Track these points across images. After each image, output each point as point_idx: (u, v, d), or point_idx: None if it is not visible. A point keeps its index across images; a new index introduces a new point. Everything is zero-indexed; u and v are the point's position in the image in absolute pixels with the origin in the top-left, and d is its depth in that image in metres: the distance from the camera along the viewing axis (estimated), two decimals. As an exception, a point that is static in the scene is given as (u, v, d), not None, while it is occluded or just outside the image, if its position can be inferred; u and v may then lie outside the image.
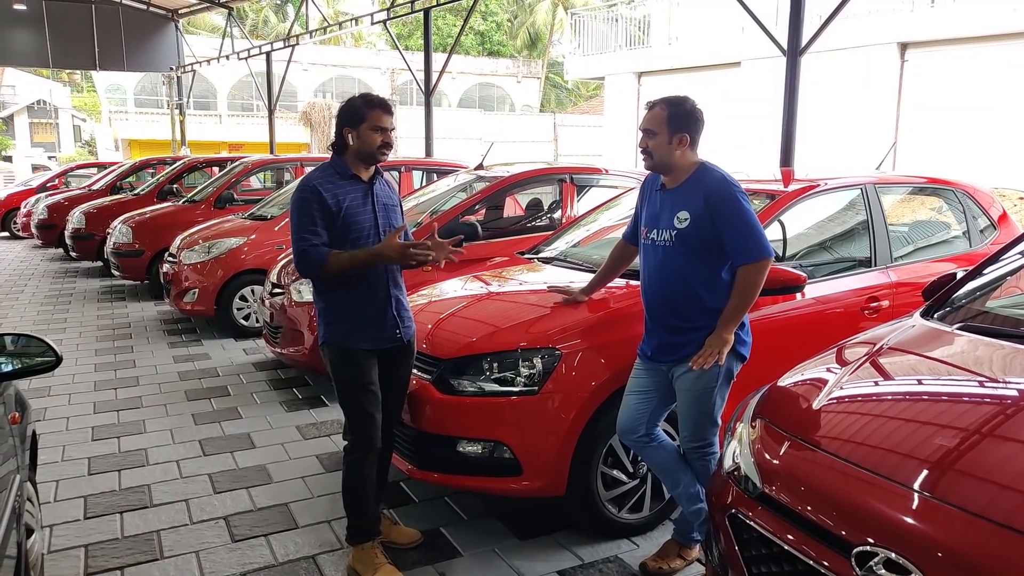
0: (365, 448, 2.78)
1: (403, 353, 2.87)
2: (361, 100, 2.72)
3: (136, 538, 3.11)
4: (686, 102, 2.59)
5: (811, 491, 1.72)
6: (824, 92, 11.78)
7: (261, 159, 9.69)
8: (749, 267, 2.52)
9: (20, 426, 2.50)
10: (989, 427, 1.73)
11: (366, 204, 2.74)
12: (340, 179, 2.72)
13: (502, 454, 2.88)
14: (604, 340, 2.95)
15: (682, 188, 2.62)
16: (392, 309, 2.79)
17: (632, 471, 3.00)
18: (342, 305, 2.73)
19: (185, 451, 4.04)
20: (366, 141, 2.68)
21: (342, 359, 2.75)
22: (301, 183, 2.72)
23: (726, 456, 2.17)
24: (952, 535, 1.49)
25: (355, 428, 2.79)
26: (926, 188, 4.34)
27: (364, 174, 2.77)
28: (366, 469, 2.79)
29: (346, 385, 2.77)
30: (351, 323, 2.73)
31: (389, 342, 2.79)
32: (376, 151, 2.71)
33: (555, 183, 5.57)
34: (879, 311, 3.49)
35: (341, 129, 2.72)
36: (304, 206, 2.65)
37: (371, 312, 2.75)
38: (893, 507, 1.58)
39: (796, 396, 2.11)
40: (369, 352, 2.76)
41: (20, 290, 9.14)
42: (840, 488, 1.68)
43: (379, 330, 2.77)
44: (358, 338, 2.74)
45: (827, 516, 1.65)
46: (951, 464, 1.63)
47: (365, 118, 2.67)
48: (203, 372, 5.55)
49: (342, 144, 2.73)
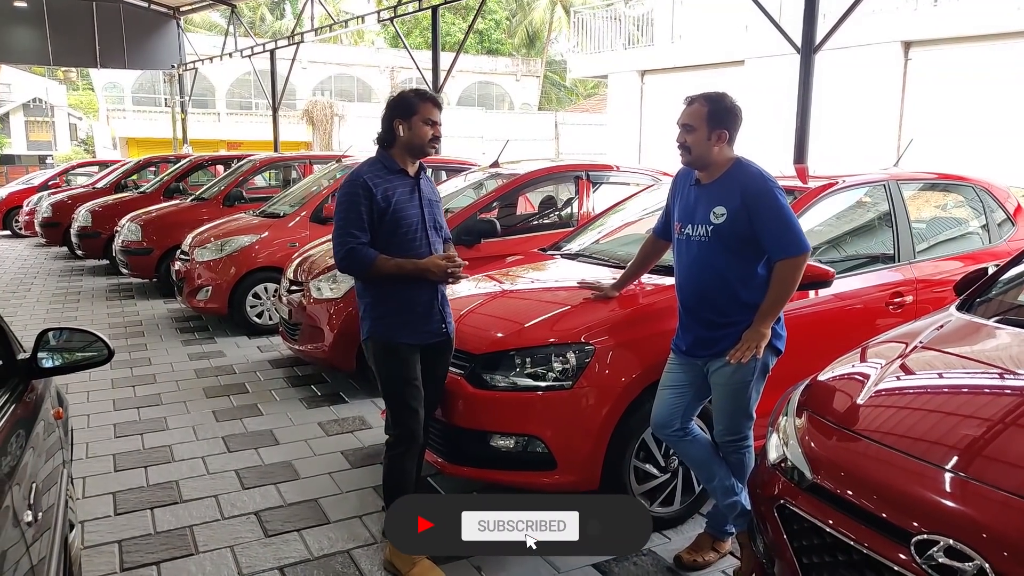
0: (408, 442, 2.79)
1: (445, 348, 2.90)
2: (413, 93, 2.73)
3: (169, 534, 3.13)
4: (726, 98, 2.60)
5: (866, 481, 1.74)
6: (828, 90, 11.81)
7: (269, 157, 9.70)
8: (787, 262, 2.54)
9: (63, 420, 2.52)
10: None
11: (413, 200, 2.75)
12: (388, 173, 2.72)
13: (536, 448, 2.91)
14: (637, 335, 2.97)
15: (718, 183, 2.64)
16: (438, 304, 2.81)
17: (664, 465, 3.03)
18: (390, 300, 2.74)
19: (209, 447, 4.05)
20: (417, 133, 2.69)
21: (387, 354, 2.77)
22: (351, 177, 2.72)
23: (769, 448, 2.20)
24: (1014, 522, 1.51)
25: (399, 423, 2.80)
26: (945, 184, 4.37)
27: (411, 168, 2.78)
28: (407, 464, 2.81)
29: (391, 380, 2.78)
30: (399, 318, 2.74)
31: (434, 336, 2.82)
32: (427, 144, 2.73)
33: (571, 180, 5.59)
34: (903, 306, 3.52)
35: (392, 121, 2.72)
36: (353, 201, 2.65)
37: (419, 307, 2.76)
38: (951, 496, 1.61)
39: (840, 389, 2.13)
40: (413, 347, 2.78)
41: (27, 288, 9.13)
42: (896, 478, 1.70)
43: (425, 325, 2.79)
44: (404, 333, 2.75)
45: (884, 505, 1.67)
46: (1006, 453, 1.65)
47: (417, 110, 2.68)
48: (219, 370, 5.55)
49: (391, 136, 2.73)
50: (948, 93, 11.31)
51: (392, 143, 2.75)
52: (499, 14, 40.22)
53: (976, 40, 11.03)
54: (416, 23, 35.63)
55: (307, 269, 5.17)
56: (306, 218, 6.77)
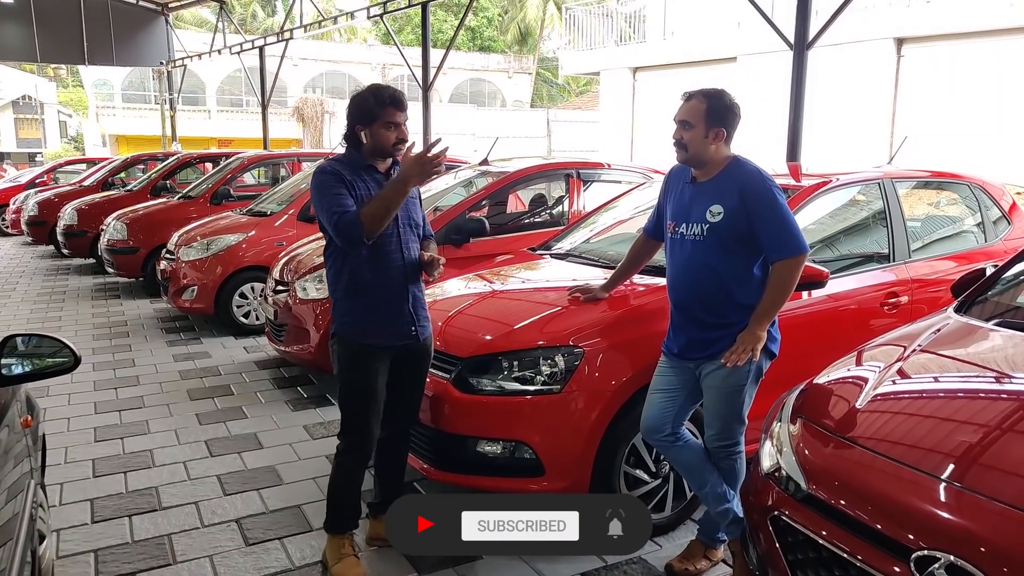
0: (357, 452, 2.71)
1: (418, 354, 2.78)
2: (373, 98, 2.58)
3: (147, 542, 3.04)
4: (725, 96, 2.53)
5: (864, 493, 1.67)
6: (820, 87, 11.76)
7: (257, 155, 9.58)
8: (785, 263, 2.47)
9: (32, 429, 2.43)
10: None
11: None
12: (358, 168, 2.63)
13: (523, 454, 2.83)
14: (627, 337, 2.90)
15: (715, 182, 2.57)
16: (409, 305, 2.70)
17: (655, 471, 2.96)
18: (359, 297, 2.63)
19: (191, 452, 3.96)
20: (380, 140, 2.59)
21: (353, 357, 2.66)
22: (319, 170, 2.62)
23: (763, 456, 2.13)
24: (1018, 539, 1.45)
25: (350, 432, 2.71)
26: (939, 182, 4.32)
27: (381, 165, 2.68)
28: (356, 475, 2.74)
29: (351, 386, 2.68)
30: (366, 317, 2.64)
31: (403, 339, 2.70)
32: (391, 148, 2.62)
33: (561, 178, 5.52)
34: (898, 307, 3.46)
35: (354, 127, 2.62)
36: (327, 184, 2.55)
37: (388, 307, 2.65)
38: (954, 509, 1.54)
39: (836, 395, 2.07)
40: (382, 352, 2.67)
41: (12, 288, 9.00)
42: (895, 489, 1.63)
43: (394, 327, 2.68)
44: (373, 334, 2.65)
45: (883, 519, 1.60)
46: (1012, 466, 1.58)
47: (377, 116, 2.57)
48: (204, 371, 5.46)
49: (355, 141, 2.64)
50: (941, 90, 11.28)
51: (358, 147, 2.65)
52: (491, 11, 40.10)
53: (969, 37, 11.00)
54: (408, 20, 35.52)
55: (293, 269, 5.08)
56: (293, 216, 6.68)
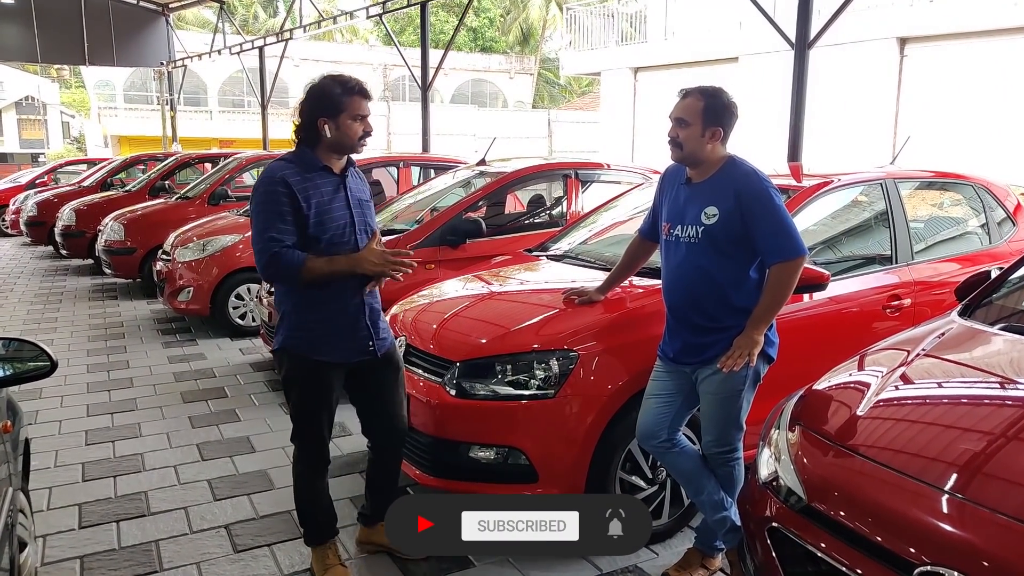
0: (314, 462, 2.64)
1: (383, 368, 2.62)
2: (339, 87, 2.37)
3: (134, 549, 2.98)
4: (723, 94, 2.47)
5: (865, 505, 1.61)
6: (823, 87, 11.70)
7: (255, 155, 9.52)
8: (782, 265, 2.41)
9: (12, 434, 2.37)
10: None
11: (338, 199, 2.44)
12: (308, 171, 2.40)
13: (517, 460, 2.77)
14: (623, 341, 2.84)
15: (710, 182, 2.50)
16: (365, 318, 2.51)
17: (651, 477, 2.89)
18: (312, 311, 2.44)
19: (182, 456, 3.91)
20: (346, 133, 2.39)
21: (303, 372, 2.49)
22: (266, 175, 2.38)
23: (760, 464, 2.07)
24: None
25: (304, 444, 2.62)
26: (943, 183, 4.25)
27: (336, 166, 2.47)
28: (317, 481, 2.67)
29: (302, 402, 2.54)
30: (318, 331, 2.45)
31: (359, 355, 2.53)
32: (357, 142, 2.43)
33: (559, 178, 5.45)
34: (901, 309, 3.40)
35: (315, 120, 2.38)
36: (272, 199, 2.31)
37: (342, 321, 2.47)
38: (958, 524, 1.48)
39: (837, 401, 2.00)
40: (335, 366, 2.52)
41: (9, 288, 8.96)
42: (898, 501, 1.57)
43: (350, 341, 2.50)
44: (325, 349, 2.47)
45: (884, 531, 1.54)
46: (1018, 476, 1.52)
47: (344, 107, 2.36)
48: (199, 373, 5.40)
49: (314, 136, 2.40)
50: (945, 91, 11.20)
51: (316, 143, 2.42)
52: (493, 12, 40.07)
53: (973, 36, 10.92)
54: (409, 20, 35.48)
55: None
56: (290, 217, 6.61)
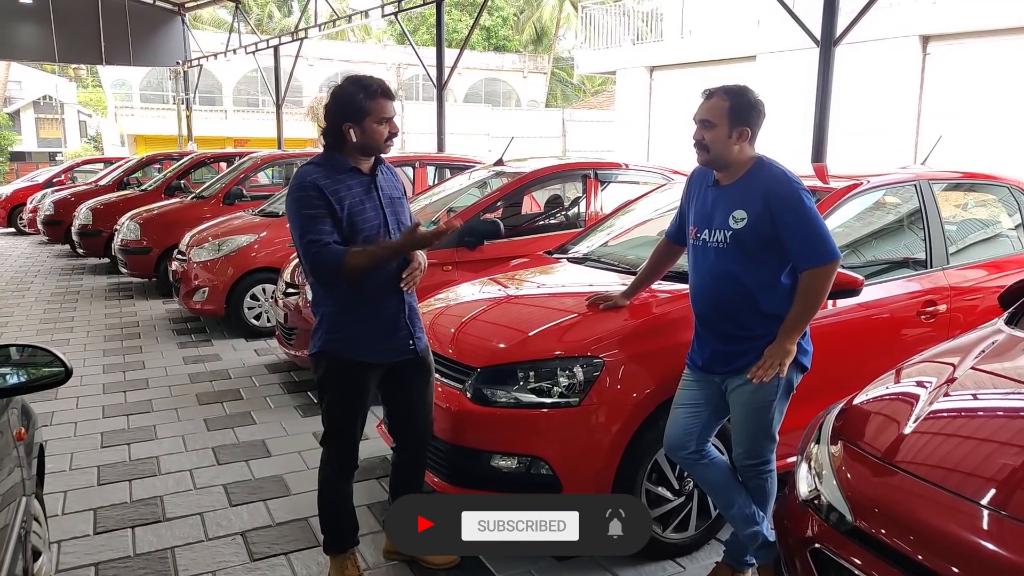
0: (341, 462, 2.61)
1: (418, 368, 2.62)
2: (362, 92, 2.36)
3: (149, 556, 2.93)
4: (748, 92, 2.38)
5: (919, 529, 1.52)
6: (843, 86, 11.52)
7: (271, 154, 9.51)
8: (815, 271, 2.32)
9: (26, 441, 2.32)
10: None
11: (370, 199, 2.45)
12: (338, 173, 2.40)
13: (540, 470, 2.69)
14: (650, 348, 2.75)
15: (738, 185, 2.42)
16: (405, 316, 2.53)
17: (678, 488, 2.81)
18: (353, 310, 2.45)
19: (198, 459, 3.86)
20: (372, 136, 2.39)
21: (342, 374, 2.49)
22: (296, 182, 2.40)
23: (799, 481, 1.98)
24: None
25: (335, 447, 2.60)
26: (976, 184, 4.13)
27: (364, 165, 2.47)
28: (343, 487, 2.63)
29: (340, 405, 2.53)
30: (360, 331, 2.45)
31: (400, 355, 2.54)
32: (383, 144, 2.43)
33: (579, 179, 5.37)
34: (936, 316, 3.29)
35: (340, 124, 2.38)
36: (305, 203, 2.33)
37: (383, 319, 2.48)
38: (1017, 550, 1.39)
39: (882, 416, 1.91)
40: (374, 367, 2.52)
41: (27, 287, 8.98)
42: (954, 526, 1.48)
43: (390, 341, 2.51)
44: (366, 350, 2.47)
45: (941, 560, 1.45)
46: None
47: (369, 111, 2.36)
48: (214, 374, 5.37)
49: (340, 141, 2.40)
50: (968, 89, 11.00)
51: (343, 146, 2.42)
52: (506, 10, 39.97)
53: (997, 34, 10.71)
54: (423, 20, 35.45)
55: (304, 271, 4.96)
56: (306, 217, 6.57)
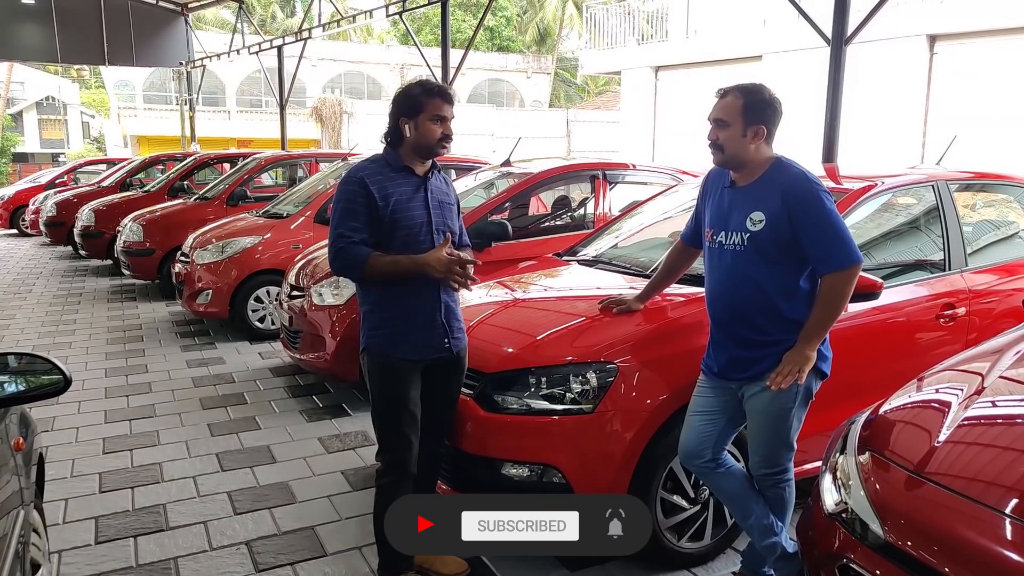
0: (399, 473, 2.55)
1: (452, 367, 2.64)
2: (420, 88, 2.49)
3: (152, 567, 2.87)
4: (763, 90, 2.32)
5: (958, 546, 1.45)
6: (851, 86, 11.43)
7: (274, 155, 9.45)
8: (836, 275, 2.25)
9: (24, 451, 2.26)
10: None
11: (417, 199, 2.51)
12: (391, 171, 2.50)
13: (552, 478, 2.62)
14: (665, 353, 2.69)
15: (755, 186, 2.35)
16: (441, 316, 2.56)
17: (693, 496, 2.74)
18: (388, 307, 2.51)
19: (202, 466, 3.80)
20: (424, 133, 2.47)
21: (383, 371, 2.54)
22: (348, 174, 2.52)
23: (824, 492, 1.91)
24: None
25: (388, 449, 2.56)
26: (992, 184, 4.05)
27: (419, 168, 2.55)
28: (400, 496, 2.54)
29: (384, 401, 2.55)
30: (396, 328, 2.51)
31: (436, 352, 2.56)
32: (436, 144, 2.50)
33: (587, 179, 5.30)
34: (955, 319, 3.22)
35: (397, 120, 2.50)
36: (348, 198, 2.44)
37: (419, 318, 2.52)
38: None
39: (913, 426, 1.84)
40: (413, 364, 2.53)
41: (28, 289, 8.94)
42: (997, 545, 1.41)
43: (426, 339, 2.53)
44: (403, 347, 2.52)
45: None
46: None
47: (424, 108, 2.45)
48: (218, 378, 5.31)
49: (398, 136, 2.51)
50: (975, 89, 10.91)
51: (399, 143, 2.53)
52: (510, 11, 39.91)
53: (1004, 34, 10.61)
54: (427, 20, 35.39)
55: (309, 273, 4.91)
56: (310, 219, 6.52)
